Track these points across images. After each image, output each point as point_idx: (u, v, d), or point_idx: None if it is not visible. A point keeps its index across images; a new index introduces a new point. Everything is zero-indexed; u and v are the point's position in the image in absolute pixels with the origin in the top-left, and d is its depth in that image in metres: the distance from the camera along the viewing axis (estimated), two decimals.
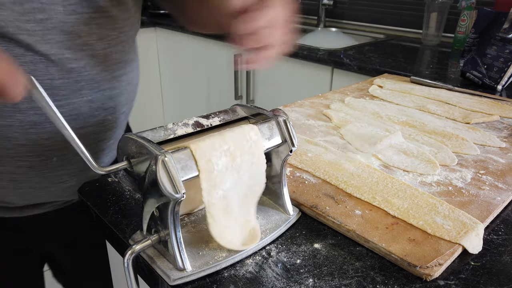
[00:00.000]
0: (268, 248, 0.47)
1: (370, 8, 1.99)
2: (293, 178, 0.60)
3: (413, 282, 0.42)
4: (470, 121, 0.82)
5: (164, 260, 0.44)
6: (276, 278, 0.43)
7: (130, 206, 0.55)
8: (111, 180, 0.61)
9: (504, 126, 0.81)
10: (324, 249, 0.47)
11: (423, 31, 1.74)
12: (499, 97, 0.98)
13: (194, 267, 0.43)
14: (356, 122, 0.79)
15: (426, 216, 0.51)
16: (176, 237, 0.42)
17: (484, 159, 0.67)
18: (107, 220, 0.52)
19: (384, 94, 0.97)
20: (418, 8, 1.82)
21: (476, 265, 0.45)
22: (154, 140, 0.42)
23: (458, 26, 1.60)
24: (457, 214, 0.51)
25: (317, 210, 0.53)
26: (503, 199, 0.55)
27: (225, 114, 0.50)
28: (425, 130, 0.77)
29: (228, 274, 0.44)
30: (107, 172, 0.41)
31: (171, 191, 0.38)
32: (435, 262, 0.44)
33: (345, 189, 0.57)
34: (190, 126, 0.47)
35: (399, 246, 0.46)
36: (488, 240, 0.49)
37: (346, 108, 0.88)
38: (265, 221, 0.51)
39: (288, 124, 0.49)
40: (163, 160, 0.38)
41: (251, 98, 2.00)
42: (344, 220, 0.50)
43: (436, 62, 1.50)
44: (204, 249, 0.46)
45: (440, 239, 0.47)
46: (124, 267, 0.42)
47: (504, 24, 1.08)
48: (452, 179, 0.60)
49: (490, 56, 1.07)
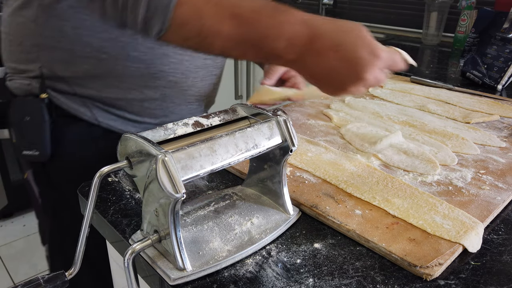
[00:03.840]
0: (268, 248, 0.47)
1: (370, 8, 1.99)
2: (293, 178, 0.60)
3: (413, 282, 0.42)
4: (470, 121, 0.82)
5: (164, 260, 0.44)
6: (276, 277, 0.43)
7: (130, 206, 0.55)
8: (111, 180, 0.61)
9: (504, 125, 0.81)
10: (324, 248, 0.47)
11: (423, 31, 1.74)
12: (499, 97, 0.98)
13: (194, 266, 0.43)
14: (356, 122, 0.79)
15: (425, 216, 0.51)
16: (176, 237, 0.42)
17: (484, 158, 0.67)
18: (107, 220, 0.52)
19: (384, 94, 0.97)
20: (418, 7, 1.82)
21: (476, 264, 0.45)
22: (154, 140, 0.42)
23: (458, 25, 1.60)
24: (457, 214, 0.51)
25: (317, 210, 0.53)
26: (503, 199, 0.55)
27: (225, 114, 0.50)
28: (425, 129, 0.77)
29: (228, 273, 0.44)
30: None
31: (171, 191, 0.38)
32: (435, 261, 0.44)
33: (345, 188, 0.57)
34: (190, 126, 0.47)
35: (399, 246, 0.46)
36: (488, 239, 0.49)
37: (346, 107, 0.88)
38: (265, 221, 0.51)
39: (288, 124, 0.49)
40: (163, 160, 0.38)
41: None
42: (344, 220, 0.50)
43: (436, 61, 1.50)
44: (204, 249, 0.46)
45: (440, 239, 0.47)
46: (124, 267, 0.42)
47: (504, 24, 1.08)
48: (452, 178, 0.60)
49: (490, 55, 1.07)
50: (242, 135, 0.45)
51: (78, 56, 0.69)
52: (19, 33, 0.71)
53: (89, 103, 0.74)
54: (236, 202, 0.54)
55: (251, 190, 0.57)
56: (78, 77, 0.71)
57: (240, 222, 0.50)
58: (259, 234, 0.48)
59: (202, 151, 0.42)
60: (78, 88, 0.72)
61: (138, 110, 0.76)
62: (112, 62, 0.70)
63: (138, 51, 0.70)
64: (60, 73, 0.71)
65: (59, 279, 0.41)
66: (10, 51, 0.74)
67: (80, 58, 0.69)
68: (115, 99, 0.74)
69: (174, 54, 0.73)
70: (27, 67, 0.72)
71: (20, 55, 0.72)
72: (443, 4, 1.65)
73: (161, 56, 0.72)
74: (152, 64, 0.72)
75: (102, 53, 0.69)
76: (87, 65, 0.70)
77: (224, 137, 0.44)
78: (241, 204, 0.54)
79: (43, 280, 0.40)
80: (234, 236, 0.48)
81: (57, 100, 0.73)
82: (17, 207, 2.10)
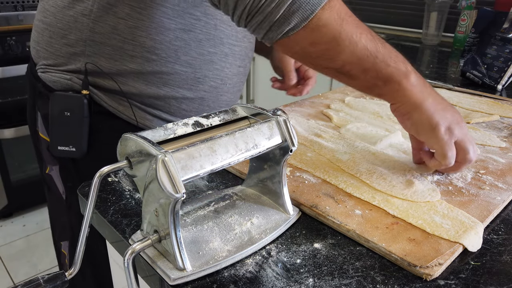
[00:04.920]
0: (268, 248, 0.48)
1: (370, 7, 1.99)
2: (293, 178, 0.60)
3: (413, 282, 0.42)
4: (470, 121, 0.82)
5: (164, 260, 0.44)
6: (276, 277, 0.43)
7: (130, 206, 0.55)
8: (111, 180, 0.61)
9: (504, 125, 0.81)
10: (324, 248, 0.47)
11: (423, 31, 1.74)
12: (499, 97, 0.98)
13: (194, 266, 0.43)
14: (356, 122, 0.79)
15: (425, 215, 0.51)
16: (176, 237, 0.42)
17: (484, 158, 0.67)
18: (107, 220, 0.52)
19: None
20: (418, 7, 1.82)
21: (476, 264, 0.45)
22: (154, 140, 0.42)
23: (458, 25, 1.60)
24: (456, 213, 0.51)
25: (317, 210, 0.53)
26: (503, 199, 0.55)
27: (225, 114, 0.50)
28: None
29: (228, 273, 0.44)
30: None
31: (171, 191, 0.38)
32: (435, 261, 0.44)
33: (345, 188, 0.57)
34: (190, 126, 0.47)
35: (399, 246, 0.46)
36: (488, 239, 0.49)
37: (346, 108, 0.88)
38: (265, 221, 0.51)
39: (288, 124, 0.49)
40: (163, 160, 0.38)
41: (251, 98, 2.00)
42: (344, 220, 0.50)
43: (436, 61, 1.50)
44: (204, 249, 0.46)
45: (440, 239, 0.47)
46: (124, 267, 0.42)
47: (504, 24, 1.08)
48: (452, 178, 0.60)
49: (490, 55, 1.07)
50: (242, 135, 0.45)
51: (127, 54, 0.69)
52: (66, 26, 0.70)
53: (127, 102, 0.74)
54: (236, 202, 0.54)
55: (251, 190, 0.57)
56: (121, 74, 0.71)
57: (240, 222, 0.50)
58: (259, 234, 0.48)
59: (202, 151, 0.42)
60: (120, 85, 0.72)
61: (174, 111, 0.77)
62: (160, 64, 0.71)
63: (189, 55, 0.71)
64: (104, 70, 0.71)
65: (59, 279, 0.41)
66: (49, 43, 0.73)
67: (129, 56, 0.70)
68: (154, 98, 0.74)
69: (219, 61, 0.75)
70: (68, 61, 0.72)
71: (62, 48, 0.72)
72: (443, 4, 1.65)
73: (208, 62, 0.74)
74: (199, 69, 0.73)
75: (152, 54, 0.69)
76: (135, 64, 0.70)
77: (224, 137, 0.44)
78: (241, 204, 0.54)
79: (43, 280, 0.40)
80: (234, 236, 0.48)
81: (97, 97, 0.73)
82: (17, 207, 2.10)
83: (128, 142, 0.42)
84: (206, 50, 0.73)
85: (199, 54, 0.73)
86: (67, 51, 0.71)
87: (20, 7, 1.87)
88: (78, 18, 0.69)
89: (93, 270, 0.85)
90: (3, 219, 2.10)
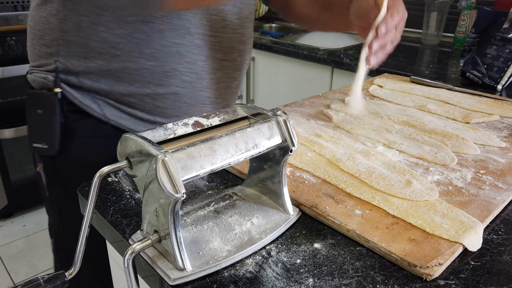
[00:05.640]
0: (268, 248, 0.48)
1: None
2: (293, 178, 0.60)
3: (413, 282, 0.42)
4: (470, 121, 0.82)
5: (164, 260, 0.44)
6: (276, 277, 0.43)
7: (130, 206, 0.55)
8: (111, 180, 0.61)
9: (504, 125, 0.81)
10: (324, 248, 0.47)
11: (423, 31, 1.74)
12: (499, 97, 0.98)
13: (194, 267, 0.43)
14: (356, 122, 0.79)
15: (425, 215, 0.51)
16: (176, 237, 0.42)
17: (484, 158, 0.67)
18: (107, 220, 0.52)
19: (384, 94, 0.97)
20: (418, 8, 1.82)
21: (476, 264, 0.45)
22: (154, 140, 0.42)
23: (458, 25, 1.60)
24: (456, 213, 0.51)
25: (317, 210, 0.53)
26: (503, 199, 0.55)
27: (225, 114, 0.50)
28: (425, 129, 0.77)
29: (228, 273, 0.44)
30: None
31: (171, 191, 0.38)
32: (435, 261, 0.44)
33: (345, 188, 0.57)
34: (190, 126, 0.47)
35: (399, 246, 0.46)
36: (488, 239, 0.49)
37: (346, 108, 0.88)
38: (265, 221, 0.51)
39: (288, 124, 0.49)
40: (163, 160, 0.38)
41: (251, 98, 2.00)
42: (344, 220, 0.50)
43: (436, 62, 1.50)
44: (204, 249, 0.46)
45: (440, 239, 0.47)
46: (124, 267, 0.42)
47: (504, 24, 1.08)
48: (452, 178, 0.60)
49: (490, 56, 1.07)
50: (242, 135, 0.45)
51: (93, 51, 0.70)
52: (41, 27, 0.72)
53: (100, 100, 0.75)
54: (236, 202, 0.54)
55: (251, 190, 0.57)
56: (91, 72, 0.72)
57: (240, 222, 0.50)
58: (259, 234, 0.48)
59: (202, 151, 0.42)
60: (91, 83, 0.73)
61: (149, 109, 0.76)
62: (125, 59, 0.71)
63: (152, 48, 0.71)
64: (74, 68, 0.72)
65: (59, 279, 0.41)
66: (32, 45, 0.76)
67: (95, 53, 0.70)
68: (127, 96, 0.74)
69: (188, 53, 0.73)
70: (46, 61, 0.73)
71: (41, 48, 0.73)
72: (443, 4, 1.65)
73: (174, 55, 0.72)
74: (165, 62, 0.72)
75: (116, 49, 0.70)
76: (101, 60, 0.71)
77: (224, 137, 0.44)
78: (241, 204, 0.54)
79: (43, 280, 0.40)
80: (234, 236, 0.48)
81: (70, 95, 0.74)
82: (17, 207, 2.10)
83: (128, 142, 0.42)
84: (171, 41, 0.71)
85: (162, 46, 0.71)
86: (46, 51, 0.73)
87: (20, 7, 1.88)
88: (49, 18, 0.70)
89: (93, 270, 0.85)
90: (3, 219, 2.10)
